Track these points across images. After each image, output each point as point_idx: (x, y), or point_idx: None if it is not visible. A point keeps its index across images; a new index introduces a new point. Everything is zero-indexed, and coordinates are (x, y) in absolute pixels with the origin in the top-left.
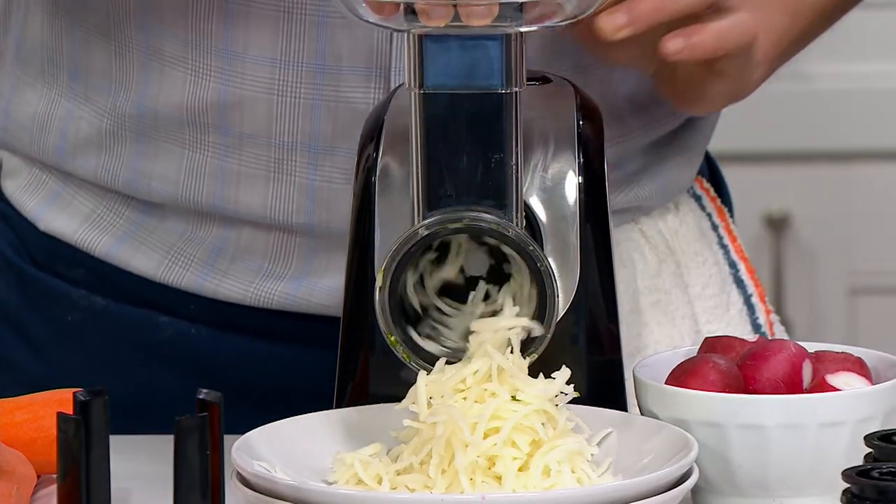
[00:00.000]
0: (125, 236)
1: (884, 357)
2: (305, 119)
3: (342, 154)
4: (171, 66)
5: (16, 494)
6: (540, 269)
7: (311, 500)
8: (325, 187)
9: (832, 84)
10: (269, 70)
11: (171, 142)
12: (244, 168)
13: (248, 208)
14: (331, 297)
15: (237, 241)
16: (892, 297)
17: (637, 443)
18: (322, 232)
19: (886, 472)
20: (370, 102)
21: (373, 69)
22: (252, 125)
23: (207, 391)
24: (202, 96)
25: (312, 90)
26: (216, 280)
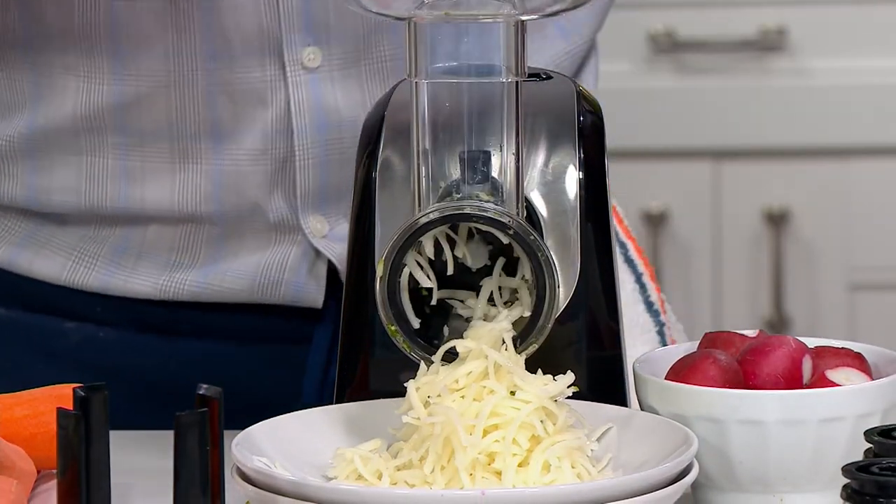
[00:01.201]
0: (24, 242)
1: (883, 352)
2: (205, 107)
3: (246, 136)
4: (62, 77)
5: (16, 490)
6: (540, 259)
7: (311, 496)
8: (233, 171)
9: (832, 80)
10: (163, 62)
11: (67, 152)
12: (148, 164)
13: (155, 204)
14: (242, 282)
15: (142, 237)
16: (891, 292)
17: (637, 438)
18: (232, 217)
19: (886, 468)
20: (267, 82)
21: (265, 49)
22: (152, 121)
23: (208, 387)
24: (97, 101)
25: (208, 76)
26: (123, 276)
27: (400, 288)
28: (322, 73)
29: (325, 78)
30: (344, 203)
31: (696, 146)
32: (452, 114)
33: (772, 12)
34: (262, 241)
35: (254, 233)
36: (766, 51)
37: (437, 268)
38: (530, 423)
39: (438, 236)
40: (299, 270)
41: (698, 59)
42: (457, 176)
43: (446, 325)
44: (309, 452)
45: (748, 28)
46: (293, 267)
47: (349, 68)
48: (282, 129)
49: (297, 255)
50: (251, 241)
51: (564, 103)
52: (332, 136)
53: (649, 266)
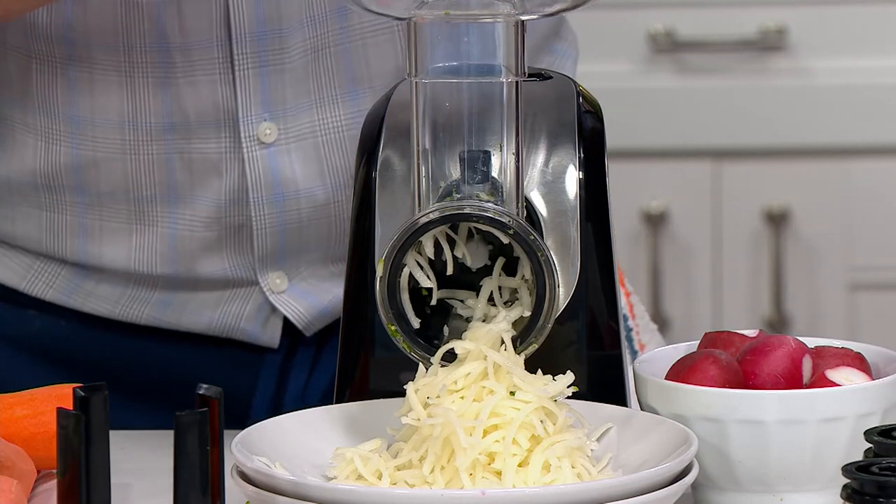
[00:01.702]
0: None
1: (884, 352)
2: (161, 172)
3: (202, 202)
4: (21, 132)
5: (15, 490)
6: (540, 258)
7: (311, 496)
8: (187, 236)
9: (832, 79)
10: (119, 132)
11: (27, 205)
12: (106, 223)
13: (112, 262)
14: (198, 322)
15: (99, 274)
16: (892, 292)
17: (637, 438)
18: (188, 278)
19: (886, 468)
20: (222, 152)
21: (221, 121)
22: (109, 183)
23: (208, 387)
24: (55, 161)
25: (164, 146)
26: (80, 299)
27: (400, 288)
28: (279, 146)
29: (281, 151)
30: (304, 257)
31: (696, 146)
32: (452, 113)
33: (772, 12)
34: (217, 295)
35: (210, 288)
36: (767, 51)
37: (437, 268)
38: (530, 423)
39: (438, 236)
40: (255, 321)
41: (698, 58)
42: (457, 176)
43: (446, 324)
44: (309, 452)
45: (748, 28)
46: (249, 318)
47: (306, 139)
48: (237, 199)
49: (251, 310)
50: (207, 295)
51: (564, 103)
52: (289, 206)
53: (619, 270)
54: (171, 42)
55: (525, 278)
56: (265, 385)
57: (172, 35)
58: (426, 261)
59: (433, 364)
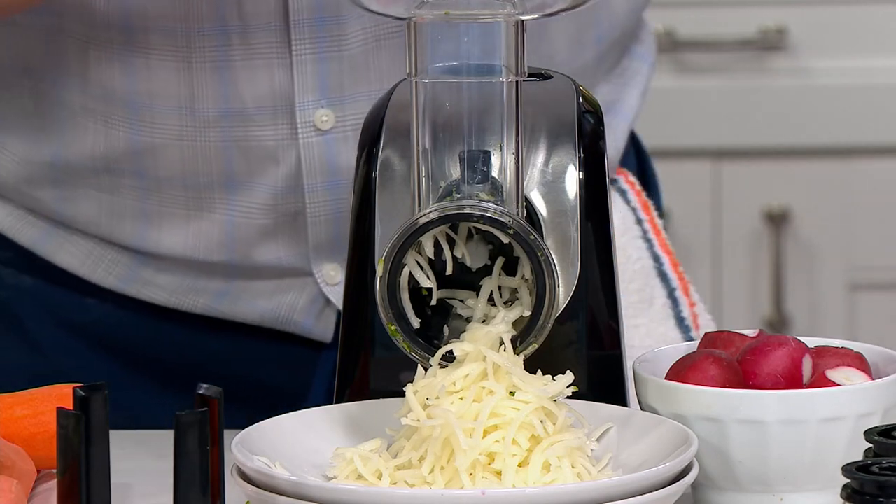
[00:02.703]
0: (49, 232)
1: (883, 352)
2: (219, 160)
3: (259, 190)
4: (83, 117)
5: (15, 490)
6: (540, 258)
7: (311, 496)
8: (243, 223)
9: (832, 79)
10: (177, 118)
11: (88, 187)
12: (165, 208)
13: (169, 248)
14: (252, 313)
15: (159, 262)
16: (891, 292)
17: (637, 438)
18: (243, 265)
19: (886, 468)
20: (279, 140)
21: (278, 108)
22: (167, 169)
23: (208, 386)
24: (114, 146)
25: (222, 133)
26: (137, 287)
27: (400, 288)
28: (336, 133)
29: (338, 139)
30: None
31: (696, 146)
32: (452, 113)
33: (772, 12)
34: (272, 285)
35: (265, 277)
36: (766, 50)
37: (436, 268)
38: (530, 424)
39: (438, 236)
40: (309, 313)
41: (698, 58)
42: (457, 176)
43: (446, 324)
44: (309, 452)
45: (748, 28)
46: (302, 310)
47: (360, 129)
48: (292, 186)
49: (306, 301)
50: (262, 284)
51: (564, 103)
52: (343, 194)
53: (684, 279)
54: (230, 25)
55: (525, 278)
56: (320, 381)
57: (231, 18)
58: (426, 261)
59: (432, 365)
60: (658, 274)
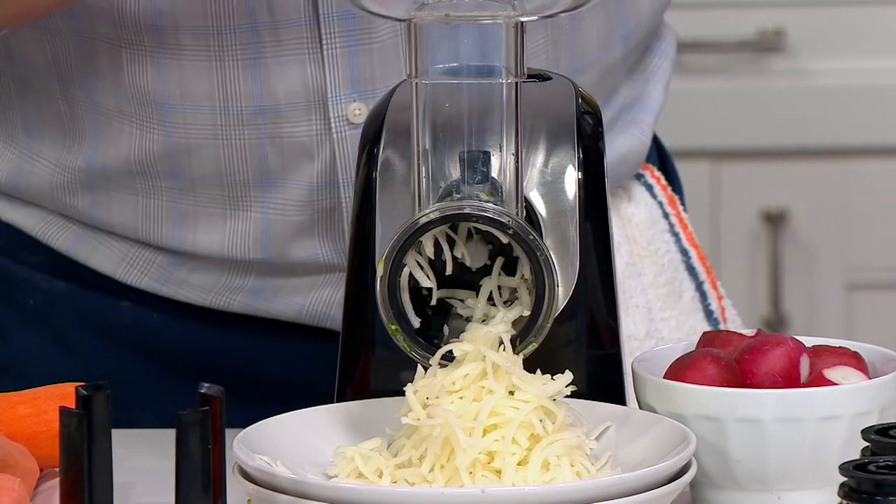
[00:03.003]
0: (82, 237)
1: (880, 351)
2: (253, 158)
3: (295, 186)
4: (117, 120)
5: (19, 488)
6: (539, 258)
7: (312, 494)
8: (279, 220)
9: (830, 80)
10: (210, 117)
11: (123, 191)
12: (200, 208)
13: (206, 247)
14: (289, 309)
15: (194, 261)
16: (888, 292)
17: (635, 437)
18: (280, 262)
19: (883, 466)
20: (313, 135)
21: (311, 103)
22: (202, 169)
23: (209, 385)
24: (149, 148)
25: (255, 130)
26: (173, 287)
27: (400, 287)
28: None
29: None
30: None
31: (694, 146)
32: (452, 114)
33: (770, 14)
34: (309, 281)
35: (302, 273)
36: (765, 52)
37: (436, 267)
38: (529, 423)
39: (438, 236)
40: None
41: (697, 59)
42: (457, 176)
43: (446, 324)
44: (310, 451)
45: (746, 29)
46: (340, 304)
47: None
48: (328, 182)
49: (342, 296)
50: (299, 280)
51: (563, 104)
52: None
53: (711, 273)
54: (259, 22)
55: (524, 278)
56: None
57: (260, 14)
58: (426, 261)
59: (432, 365)
60: (686, 267)
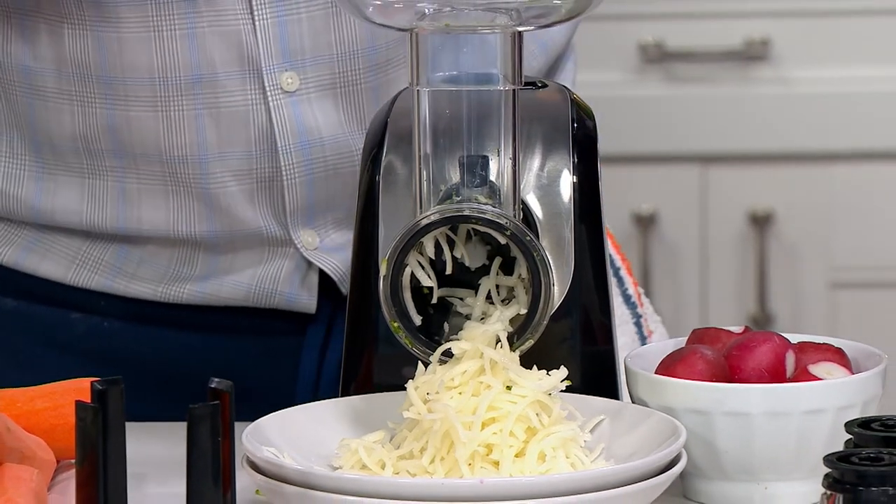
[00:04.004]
0: (30, 246)
1: (863, 348)
2: (191, 130)
3: (231, 158)
4: (55, 100)
5: (36, 478)
6: (536, 258)
7: (317, 484)
8: (221, 194)
9: (813, 88)
10: (150, 89)
11: (69, 173)
12: (144, 186)
13: (151, 225)
14: (238, 291)
15: (142, 251)
16: (870, 290)
17: (628, 429)
18: (225, 235)
19: (865, 458)
20: (248, 104)
21: (245, 71)
22: (143, 144)
23: (219, 381)
24: (92, 123)
25: (193, 100)
26: (124, 282)
27: (402, 286)
28: (300, 95)
29: (303, 100)
30: (332, 215)
31: (684, 151)
32: (452, 120)
33: (756, 24)
34: (255, 256)
35: (247, 248)
36: (751, 61)
37: (437, 267)
38: (526, 416)
39: (439, 237)
40: (292, 282)
41: (686, 68)
42: (456, 179)
43: (446, 321)
44: (315, 443)
45: (733, 39)
46: (286, 278)
47: (324, 90)
48: (266, 149)
49: (289, 268)
50: (245, 256)
51: (559, 110)
52: (315, 154)
53: (626, 261)
54: None
55: (521, 277)
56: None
57: None
58: (427, 261)
59: (431, 363)
60: None
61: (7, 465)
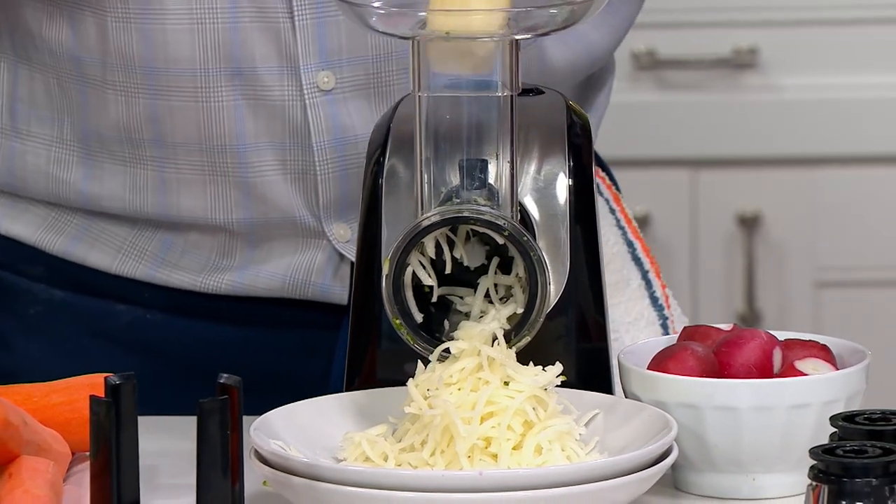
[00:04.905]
0: (79, 235)
1: (847, 344)
2: (230, 120)
3: (267, 149)
4: (102, 90)
5: (52, 470)
6: (533, 258)
7: (323, 476)
8: (258, 182)
9: (800, 95)
10: (191, 80)
11: (113, 161)
12: (182, 176)
13: (190, 212)
14: (274, 281)
15: (184, 240)
16: (854, 289)
17: (621, 423)
18: (261, 225)
19: (850, 450)
20: (285, 100)
21: (284, 68)
22: (183, 134)
23: (228, 376)
24: (135, 113)
25: (233, 92)
26: (167, 271)
27: (404, 285)
28: (336, 94)
29: (339, 99)
30: None
31: (675, 155)
32: (452, 125)
33: (744, 33)
34: (290, 247)
35: (282, 239)
36: (739, 68)
37: (438, 267)
38: (523, 410)
39: (439, 238)
40: (325, 273)
41: (677, 75)
42: (456, 182)
43: (446, 319)
44: (321, 436)
45: (723, 48)
46: (319, 270)
47: (359, 90)
48: (300, 144)
49: (322, 260)
50: (280, 247)
51: (555, 116)
52: (348, 151)
53: (655, 264)
54: None
55: (519, 276)
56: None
57: None
58: (428, 260)
59: (431, 361)
60: (632, 258)
61: (24, 457)
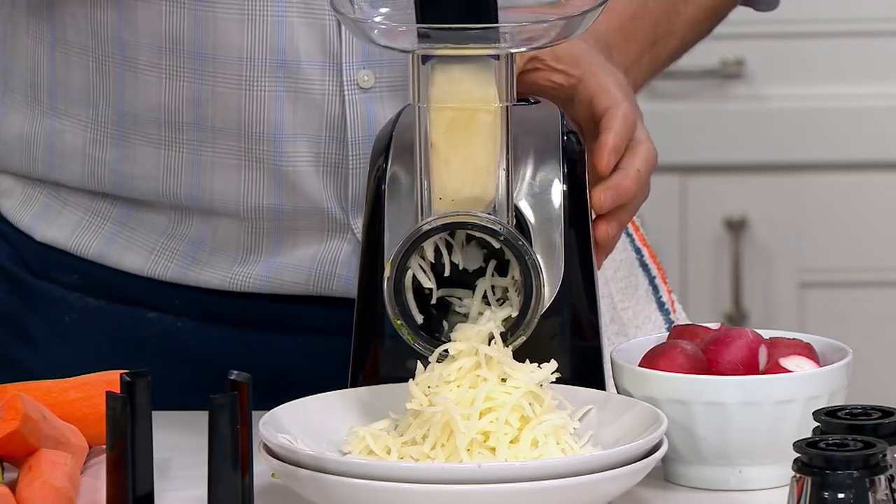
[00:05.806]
0: (113, 237)
1: (830, 343)
2: (270, 109)
3: (303, 140)
4: (144, 72)
5: (70, 463)
6: (528, 261)
7: (328, 469)
8: (291, 171)
9: (785, 104)
10: (237, 67)
11: (148, 144)
12: (217, 159)
13: (222, 196)
14: (300, 276)
15: (214, 235)
16: (837, 289)
17: (614, 418)
18: (289, 212)
19: (832, 444)
20: (325, 93)
21: (326, 64)
22: (223, 119)
23: (238, 373)
24: (178, 95)
25: (275, 83)
26: (197, 269)
27: (405, 287)
28: (374, 92)
29: (376, 97)
30: None
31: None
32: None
33: (731, 45)
34: (315, 238)
35: (308, 230)
36: (726, 79)
37: (437, 270)
38: (520, 406)
39: (438, 242)
40: (349, 265)
41: (667, 86)
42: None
43: (445, 319)
44: (327, 430)
45: (710, 59)
46: (344, 262)
47: (396, 90)
48: (336, 138)
49: (347, 252)
50: (306, 238)
51: (550, 125)
52: None
53: (661, 269)
54: None
55: (515, 278)
56: None
57: None
58: (427, 264)
59: (431, 362)
60: (640, 264)
61: (43, 450)
